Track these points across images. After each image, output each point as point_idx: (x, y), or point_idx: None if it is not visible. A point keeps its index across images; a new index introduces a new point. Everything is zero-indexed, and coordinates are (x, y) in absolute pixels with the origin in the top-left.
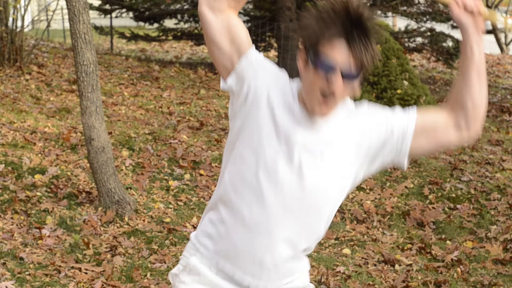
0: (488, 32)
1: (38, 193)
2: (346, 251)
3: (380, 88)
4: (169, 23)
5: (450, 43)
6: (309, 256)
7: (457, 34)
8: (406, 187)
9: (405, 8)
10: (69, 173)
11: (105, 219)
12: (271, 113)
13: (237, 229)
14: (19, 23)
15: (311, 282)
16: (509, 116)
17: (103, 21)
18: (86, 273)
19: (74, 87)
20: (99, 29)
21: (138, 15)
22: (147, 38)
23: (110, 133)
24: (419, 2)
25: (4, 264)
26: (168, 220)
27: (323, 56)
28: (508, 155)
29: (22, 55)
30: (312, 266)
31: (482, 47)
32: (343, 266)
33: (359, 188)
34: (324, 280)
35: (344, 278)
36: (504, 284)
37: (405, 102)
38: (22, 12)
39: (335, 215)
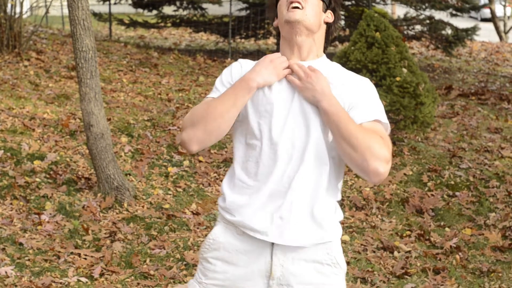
0: (487, 20)
1: (37, 179)
2: (345, 237)
3: (379, 75)
4: (168, 10)
5: (449, 31)
6: None
7: (456, 22)
8: (405, 174)
9: None
10: (68, 159)
11: (104, 205)
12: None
13: None
14: (17, 9)
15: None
16: (508, 104)
17: (102, 8)
18: (85, 258)
19: (73, 73)
20: (98, 16)
21: (137, 2)
22: (146, 25)
23: (109, 119)
24: None
25: (3, 249)
26: (167, 206)
27: None
28: (507, 142)
29: (20, 42)
30: None
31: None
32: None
33: (358, 175)
34: None
35: None
36: (502, 271)
37: (404, 90)
38: None
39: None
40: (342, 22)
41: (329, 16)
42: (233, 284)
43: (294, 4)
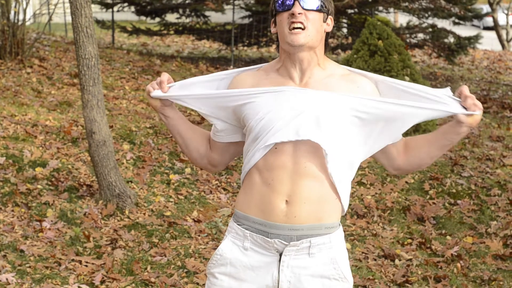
0: (490, 28)
1: (39, 186)
2: (347, 245)
3: None
4: (171, 17)
5: (451, 39)
6: None
7: (458, 30)
8: (406, 182)
9: (406, 4)
10: (70, 166)
11: (105, 212)
12: None
13: None
14: (20, 17)
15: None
16: (510, 112)
17: (105, 15)
18: (86, 265)
19: (75, 80)
20: (101, 23)
21: (140, 9)
22: (149, 32)
23: (111, 126)
24: None
25: (4, 256)
26: (168, 213)
27: (278, 2)
28: (509, 151)
29: (23, 49)
30: None
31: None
32: None
33: (359, 183)
34: None
35: None
36: (504, 279)
37: None
38: (24, 5)
39: None
40: (345, 30)
41: (329, 23)
42: None
43: (296, 25)
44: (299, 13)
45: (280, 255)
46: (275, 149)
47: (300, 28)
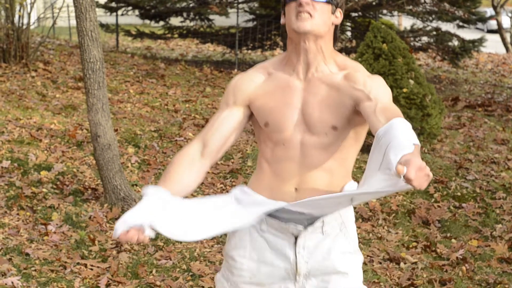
0: (494, 31)
1: (44, 190)
2: None
3: None
4: (175, 21)
5: (455, 43)
6: None
7: (462, 33)
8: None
9: (411, 7)
10: (75, 170)
11: (110, 215)
12: None
13: None
14: (25, 21)
15: None
16: None
17: (109, 19)
18: (91, 269)
19: (80, 84)
20: (105, 27)
21: (144, 13)
22: (153, 36)
23: (116, 130)
24: (425, 2)
25: (10, 259)
26: None
27: None
28: None
29: (28, 52)
30: None
31: None
32: None
33: None
34: None
35: None
36: (509, 282)
37: (410, 101)
38: (28, 9)
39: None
40: (349, 34)
41: (338, 16)
42: (261, 281)
43: (303, 14)
44: (306, 3)
45: (296, 237)
46: (283, 145)
47: (307, 14)
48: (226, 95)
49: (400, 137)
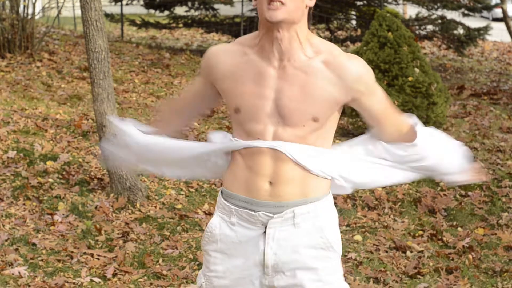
0: (499, 20)
1: (50, 180)
2: (358, 237)
3: (392, 75)
4: (180, 10)
5: (461, 31)
6: None
7: (468, 21)
8: None
9: None
10: (80, 160)
11: (117, 205)
12: None
13: None
14: (30, 11)
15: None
16: None
17: (114, 9)
18: (98, 259)
19: (85, 74)
20: (110, 17)
21: (149, 3)
22: (158, 26)
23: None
24: None
25: (16, 249)
26: (179, 206)
27: None
28: None
29: (33, 43)
30: None
31: None
32: (355, 253)
33: None
34: None
35: (356, 265)
36: None
37: (416, 90)
38: None
39: (347, 202)
40: (354, 22)
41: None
42: (233, 275)
43: (275, 3)
44: None
45: (266, 227)
46: (257, 138)
47: (279, 2)
48: (201, 65)
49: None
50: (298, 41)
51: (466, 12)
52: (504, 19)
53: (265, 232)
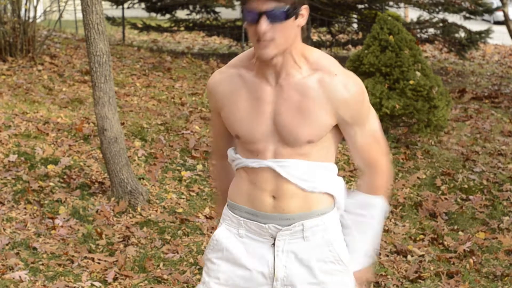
0: (500, 23)
1: (51, 184)
2: None
3: (393, 79)
4: (181, 13)
5: (462, 34)
6: None
7: (469, 25)
8: (418, 178)
9: None
10: (81, 164)
11: (117, 209)
12: None
13: None
14: (31, 14)
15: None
16: None
17: (115, 12)
18: (99, 263)
19: (87, 77)
20: (111, 20)
21: (150, 6)
22: (159, 29)
23: (122, 123)
24: None
25: (17, 254)
26: (180, 210)
27: (244, 10)
28: None
29: (34, 46)
30: None
31: None
32: None
33: None
34: None
35: None
36: None
37: (417, 93)
38: (35, 2)
39: None
40: (355, 26)
41: (304, 14)
42: (236, 285)
43: (263, 42)
44: (264, 33)
45: (275, 240)
46: (257, 155)
47: (266, 40)
48: (209, 100)
49: (361, 245)
50: (292, 59)
51: (467, 15)
52: (505, 22)
53: (273, 244)
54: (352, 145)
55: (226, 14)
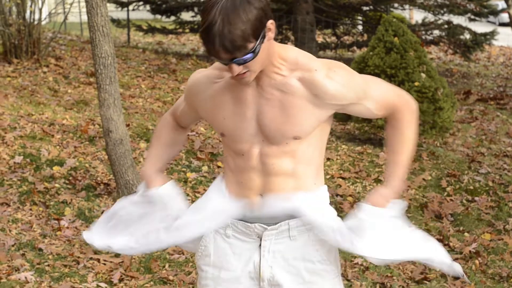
0: (505, 25)
1: (57, 185)
2: None
3: (398, 80)
4: (186, 15)
5: (467, 36)
6: None
7: (474, 26)
8: (424, 179)
9: (422, 0)
10: (87, 165)
11: None
12: None
13: None
14: (36, 16)
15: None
16: None
17: (120, 14)
18: (104, 264)
19: (92, 79)
20: (116, 22)
21: (155, 8)
22: (164, 31)
23: (127, 125)
24: None
25: (23, 255)
26: None
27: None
28: None
29: (39, 48)
30: None
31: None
32: (361, 258)
33: (376, 180)
34: (342, 271)
35: (362, 270)
36: None
37: (422, 95)
38: (40, 5)
39: (353, 208)
40: (360, 27)
41: (271, 28)
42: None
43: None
44: (240, 74)
45: (261, 239)
46: (242, 155)
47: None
48: (184, 91)
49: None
50: (271, 65)
51: (472, 17)
52: (510, 24)
53: (260, 245)
54: (370, 115)
55: None
